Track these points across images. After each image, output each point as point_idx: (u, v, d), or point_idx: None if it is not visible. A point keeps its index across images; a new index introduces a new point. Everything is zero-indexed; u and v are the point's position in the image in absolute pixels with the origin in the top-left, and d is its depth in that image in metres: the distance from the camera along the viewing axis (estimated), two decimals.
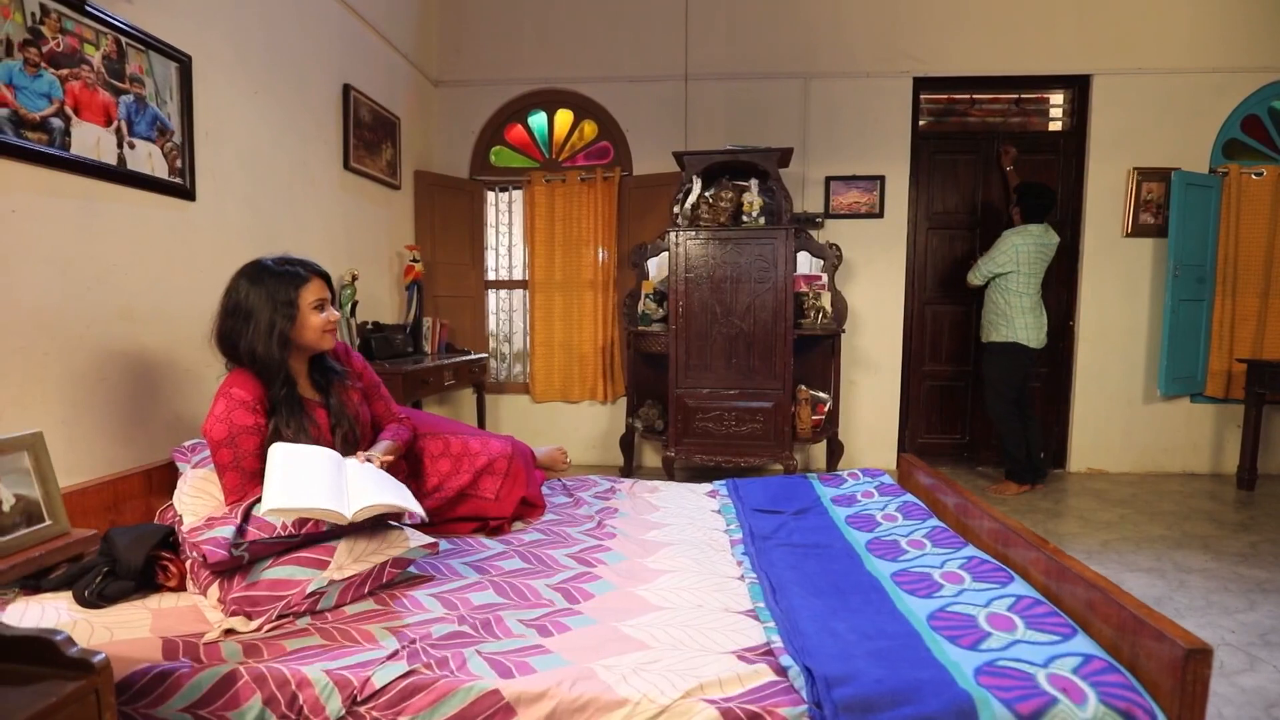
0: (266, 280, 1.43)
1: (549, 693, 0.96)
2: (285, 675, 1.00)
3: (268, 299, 1.41)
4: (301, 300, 1.45)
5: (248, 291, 1.43)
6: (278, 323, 1.41)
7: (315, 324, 1.47)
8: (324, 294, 1.50)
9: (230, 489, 1.37)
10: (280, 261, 1.48)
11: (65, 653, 0.89)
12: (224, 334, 1.45)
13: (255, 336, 1.40)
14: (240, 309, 1.42)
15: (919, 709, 0.91)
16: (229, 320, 1.43)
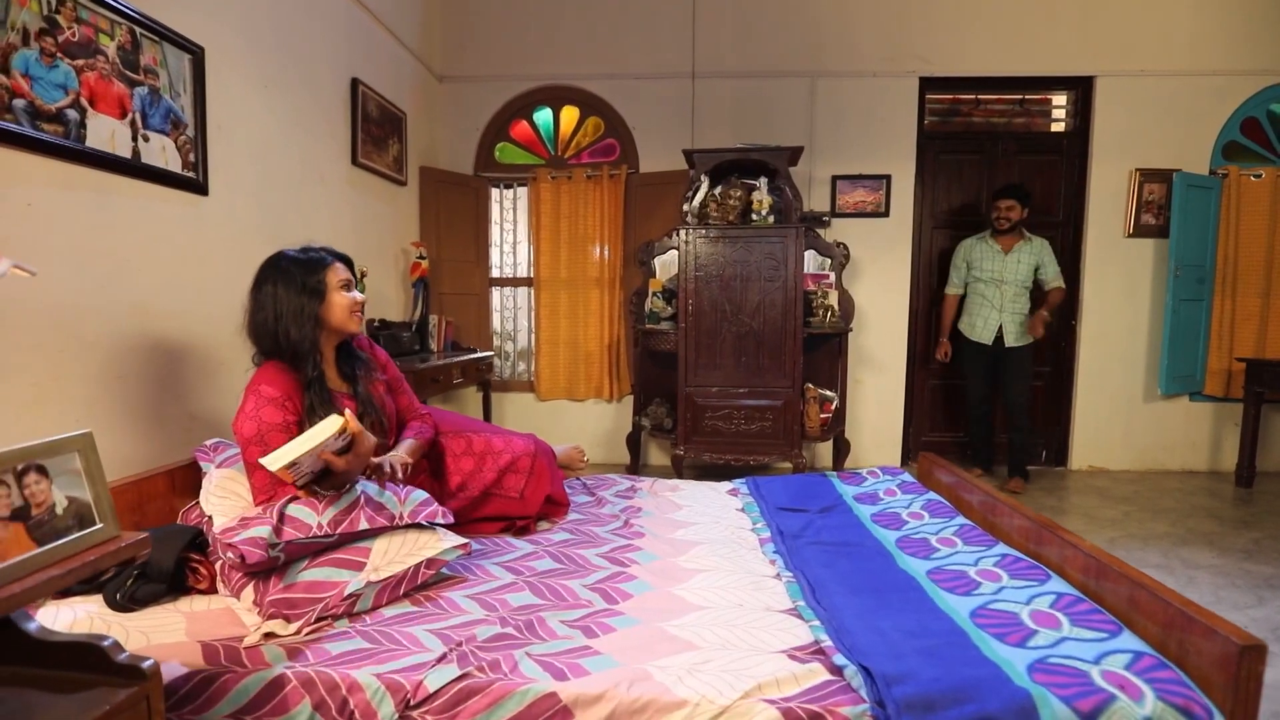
0: (292, 267, 1.44)
1: (607, 695, 0.95)
2: (335, 679, 0.98)
3: (295, 283, 1.42)
4: (328, 280, 1.45)
5: (275, 279, 1.43)
6: (306, 304, 1.42)
7: (343, 303, 1.47)
8: (347, 275, 1.51)
9: (259, 488, 1.35)
10: (303, 250, 1.50)
11: (114, 659, 0.86)
12: (256, 324, 1.45)
13: (287, 321, 1.41)
14: (269, 297, 1.43)
15: (980, 707, 0.92)
16: (259, 309, 1.44)
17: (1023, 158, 3.75)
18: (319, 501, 1.26)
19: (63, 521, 0.78)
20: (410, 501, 1.35)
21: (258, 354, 1.50)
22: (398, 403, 1.72)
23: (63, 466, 0.79)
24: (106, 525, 0.82)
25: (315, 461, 1.27)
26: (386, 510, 1.30)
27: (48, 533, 0.76)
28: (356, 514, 1.26)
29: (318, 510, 1.24)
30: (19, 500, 0.74)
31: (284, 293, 1.42)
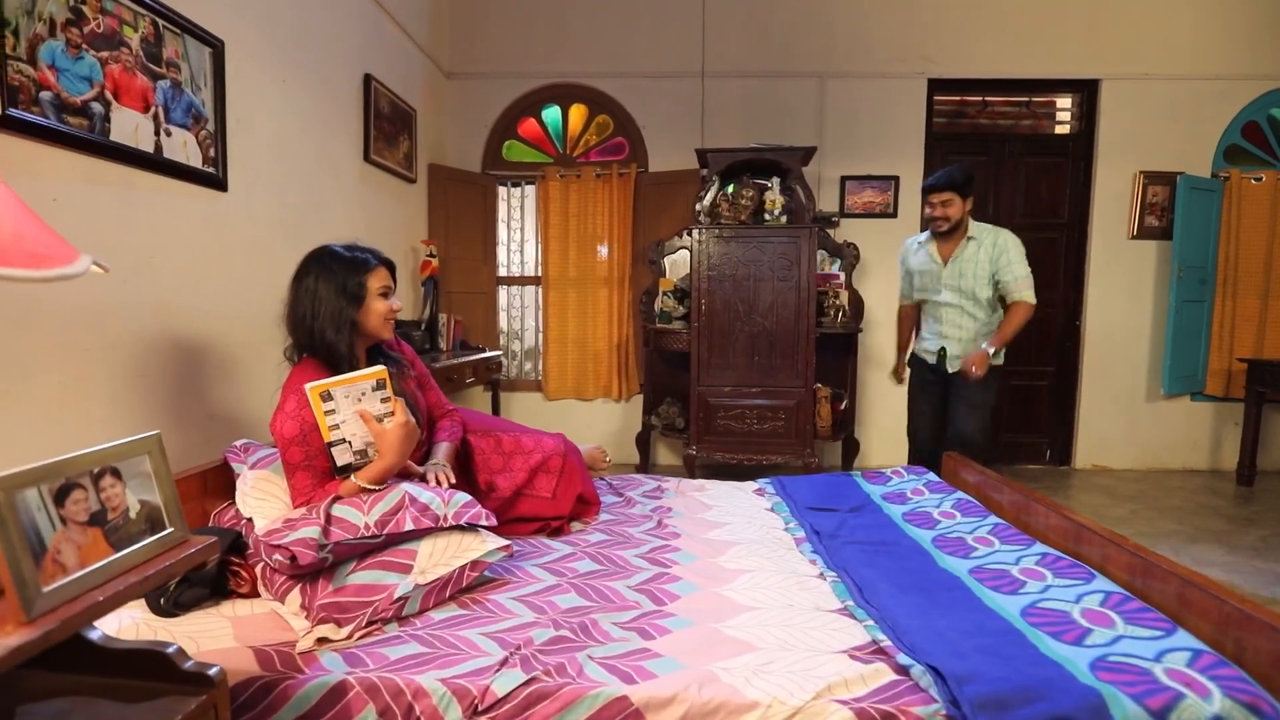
0: (336, 265, 1.42)
1: (678, 697, 0.94)
2: (398, 685, 0.96)
3: (337, 283, 1.40)
4: (369, 285, 1.43)
5: (317, 275, 1.41)
6: (345, 308, 1.40)
7: (380, 310, 1.45)
8: (389, 282, 1.49)
9: (299, 489, 1.32)
10: (349, 247, 1.47)
11: (180, 666, 0.84)
12: (294, 317, 1.43)
13: (325, 320, 1.39)
14: (310, 292, 1.41)
15: (1053, 706, 0.92)
16: (299, 303, 1.42)
17: (1028, 159, 3.79)
18: (363, 501, 1.24)
19: (136, 526, 0.76)
20: (454, 503, 1.33)
21: (291, 347, 1.48)
22: (427, 399, 1.70)
23: (134, 469, 0.77)
24: (176, 529, 0.80)
25: (354, 417, 1.31)
26: (431, 511, 1.28)
27: (123, 538, 0.74)
28: (402, 515, 1.24)
29: (363, 510, 1.22)
30: (96, 504, 0.72)
31: (324, 291, 1.40)
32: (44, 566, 0.65)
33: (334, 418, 1.31)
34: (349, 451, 1.34)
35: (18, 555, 0.62)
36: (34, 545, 0.64)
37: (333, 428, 1.32)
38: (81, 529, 0.70)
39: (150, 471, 0.79)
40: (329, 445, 1.32)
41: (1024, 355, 3.90)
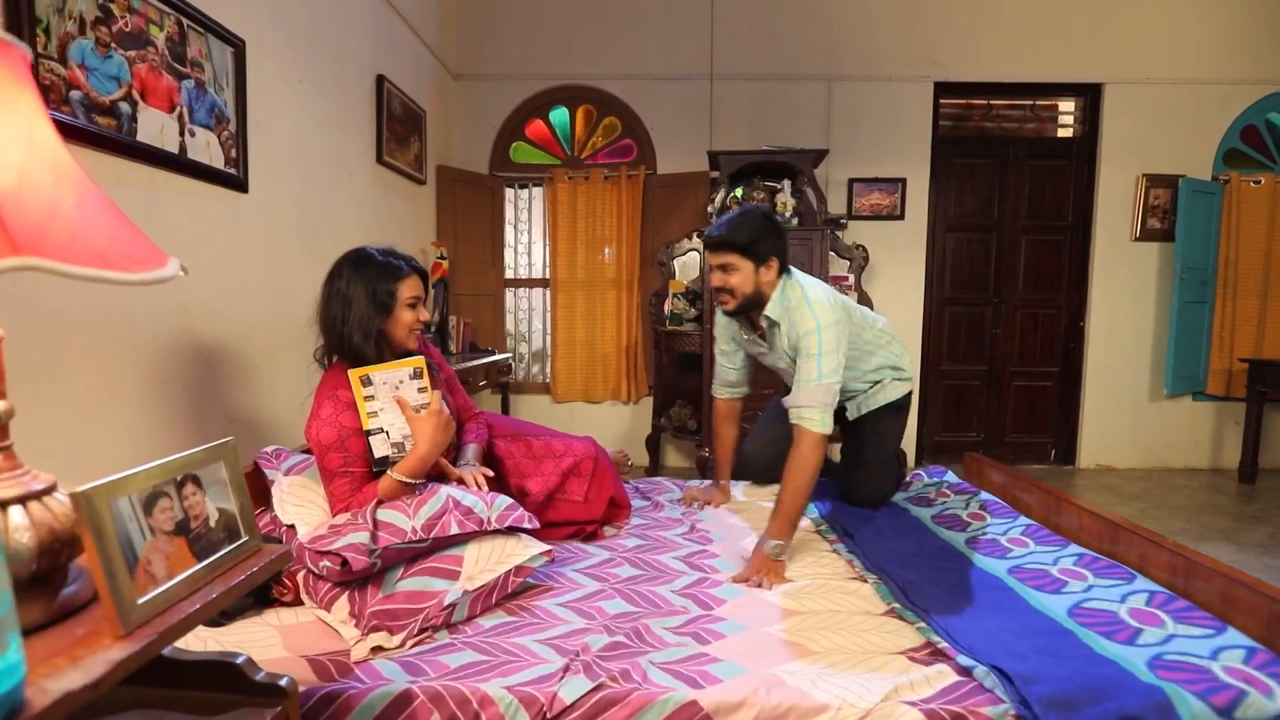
0: (369, 269, 1.41)
1: (747, 701, 0.94)
2: (464, 694, 0.95)
3: (368, 288, 1.39)
4: (399, 294, 1.41)
5: (350, 278, 1.40)
6: (374, 316, 1.39)
7: (407, 320, 1.43)
8: (420, 292, 1.47)
9: (338, 495, 1.31)
10: (384, 252, 1.46)
11: (251, 677, 0.83)
12: (326, 318, 1.42)
13: (353, 325, 1.38)
14: (342, 295, 1.40)
15: (1120, 705, 0.92)
16: (331, 305, 1.41)
17: (1032, 162, 3.83)
18: (408, 505, 1.23)
19: (216, 534, 0.74)
20: (497, 506, 1.32)
21: (322, 349, 1.47)
22: (455, 402, 1.69)
23: (213, 476, 0.76)
24: (250, 537, 0.79)
25: (392, 406, 1.34)
26: (475, 514, 1.27)
27: (205, 547, 0.72)
28: (447, 518, 1.23)
29: (409, 514, 1.21)
30: (180, 513, 0.70)
31: (355, 294, 1.39)
32: (136, 577, 0.63)
33: (373, 404, 1.33)
34: (386, 442, 1.35)
35: (114, 567, 0.61)
36: (128, 556, 0.63)
37: (371, 415, 1.33)
38: (168, 538, 0.68)
39: (227, 479, 0.77)
40: (367, 434, 1.33)
41: (1029, 356, 3.95)
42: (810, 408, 1.57)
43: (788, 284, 1.70)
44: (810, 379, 1.59)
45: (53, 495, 0.65)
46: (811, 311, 1.61)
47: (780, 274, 1.70)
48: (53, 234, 0.54)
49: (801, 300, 1.65)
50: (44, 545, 0.62)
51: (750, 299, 1.69)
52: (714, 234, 1.69)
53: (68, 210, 0.58)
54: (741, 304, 1.70)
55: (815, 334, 1.59)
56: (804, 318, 1.62)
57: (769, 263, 1.66)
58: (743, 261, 1.66)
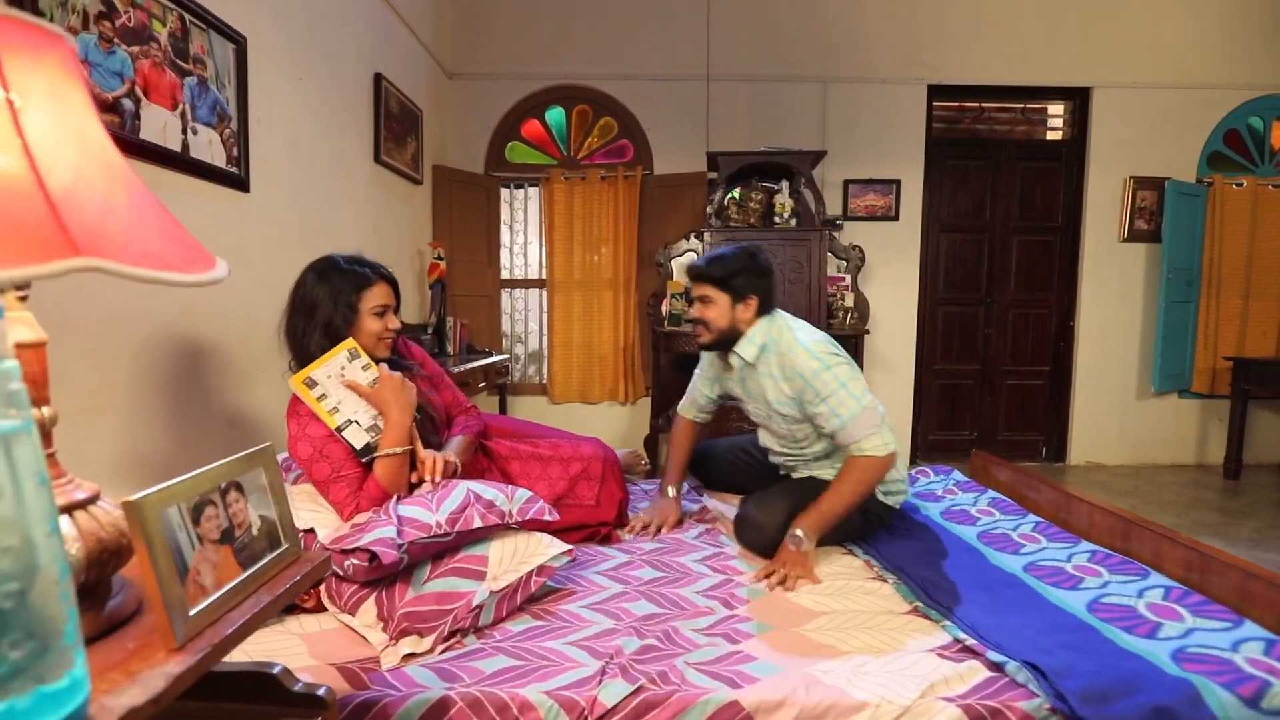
0: (333, 278, 1.38)
1: (788, 700, 0.94)
2: (503, 699, 0.94)
3: (330, 297, 1.37)
4: (362, 304, 1.38)
5: (314, 286, 1.38)
6: (335, 323, 1.37)
7: (373, 329, 1.40)
8: (388, 300, 1.43)
9: (342, 502, 1.29)
10: (350, 260, 1.42)
11: (289, 687, 0.81)
12: (289, 328, 1.41)
13: (316, 335, 1.36)
14: (305, 303, 1.38)
15: (1151, 697, 0.94)
16: (294, 314, 1.40)
17: (1023, 164, 3.89)
18: (429, 499, 1.22)
19: (259, 542, 0.72)
20: (517, 499, 1.31)
21: (293, 360, 1.44)
22: (442, 398, 1.67)
23: (254, 483, 0.74)
24: (291, 545, 0.77)
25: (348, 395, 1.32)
26: (497, 508, 1.26)
27: (249, 555, 0.71)
28: (470, 512, 1.22)
29: (431, 508, 1.20)
30: (225, 521, 0.68)
31: (319, 304, 1.37)
32: (187, 588, 0.61)
33: (328, 401, 1.31)
34: (360, 431, 1.33)
35: (166, 578, 0.59)
36: (178, 566, 0.61)
37: (332, 412, 1.31)
38: (215, 547, 0.66)
39: (266, 485, 0.75)
40: (338, 430, 1.31)
41: (1021, 355, 4.01)
42: (866, 439, 1.47)
43: (772, 326, 1.62)
44: (849, 413, 1.48)
45: (97, 504, 0.63)
46: (808, 353, 1.53)
47: (761, 314, 1.63)
48: (110, 233, 0.53)
49: (792, 344, 1.56)
50: (92, 556, 0.60)
51: (725, 334, 1.63)
52: (695, 265, 1.66)
53: (121, 209, 0.56)
54: (716, 339, 1.64)
55: (825, 370, 1.50)
56: (799, 360, 1.53)
57: (747, 300, 1.60)
58: (719, 295, 1.61)
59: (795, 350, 1.55)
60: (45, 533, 0.45)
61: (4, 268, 0.47)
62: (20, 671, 0.44)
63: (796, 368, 1.53)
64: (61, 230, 0.49)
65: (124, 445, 1.49)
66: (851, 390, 1.50)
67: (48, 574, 0.45)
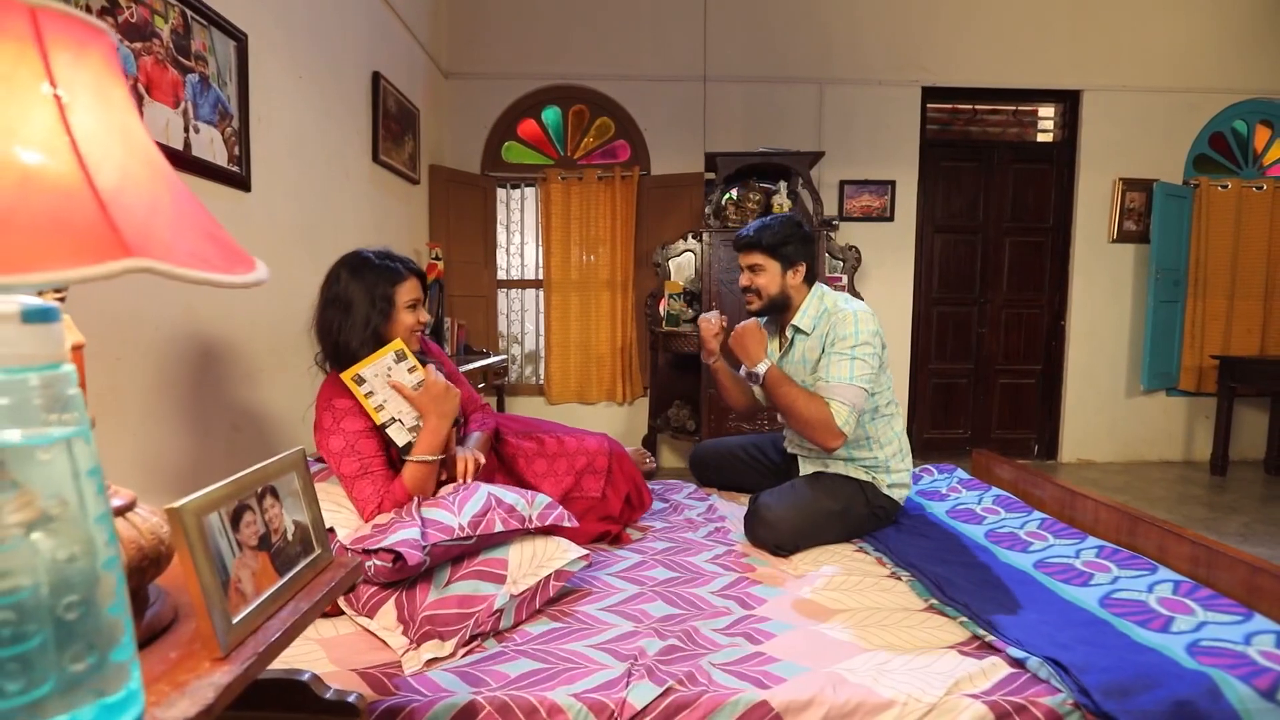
0: (367, 273, 1.38)
1: (816, 699, 0.94)
2: (531, 703, 0.93)
3: (366, 292, 1.37)
4: (398, 297, 1.39)
5: (348, 283, 1.37)
6: (373, 318, 1.37)
7: (407, 323, 1.41)
8: (419, 294, 1.45)
9: (365, 499, 1.28)
10: (381, 255, 1.43)
11: (319, 695, 0.80)
12: (323, 325, 1.39)
13: (351, 330, 1.36)
14: (340, 300, 1.37)
15: (1170, 691, 0.95)
16: (328, 310, 1.38)
17: (1015, 166, 3.94)
18: (451, 502, 1.21)
19: (293, 548, 0.71)
20: (537, 504, 1.31)
21: (321, 354, 1.44)
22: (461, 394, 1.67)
23: (287, 488, 0.73)
24: (324, 550, 0.76)
25: (393, 394, 1.31)
26: (518, 512, 1.26)
27: (285, 561, 0.69)
28: (491, 516, 1.22)
29: (454, 511, 1.19)
30: (262, 527, 0.67)
31: (354, 300, 1.36)
32: (229, 595, 0.60)
33: (375, 399, 1.31)
34: (404, 430, 1.33)
35: (210, 586, 0.58)
36: (220, 573, 0.60)
37: (378, 409, 1.31)
38: (254, 554, 0.65)
39: (299, 490, 0.74)
40: (383, 428, 1.31)
41: (1013, 354, 4.06)
42: (838, 404, 1.55)
43: (824, 294, 1.72)
44: (842, 377, 1.57)
45: (135, 511, 0.62)
46: (855, 319, 1.61)
47: (809, 282, 1.73)
48: (158, 233, 0.51)
49: (845, 313, 1.63)
50: (133, 564, 0.58)
51: (776, 300, 1.71)
52: (743, 235, 1.72)
53: (166, 208, 0.55)
54: (766, 305, 1.72)
55: (856, 337, 1.59)
56: (845, 321, 1.61)
57: (796, 267, 1.70)
58: (770, 262, 1.69)
59: (845, 314, 1.64)
60: (105, 541, 0.44)
61: (56, 269, 0.45)
62: (81, 684, 0.43)
63: (836, 326, 1.63)
64: (113, 230, 0.48)
65: (129, 449, 1.46)
66: (858, 368, 1.58)
67: (106, 583, 0.44)
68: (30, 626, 0.40)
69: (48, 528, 0.41)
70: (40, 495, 0.41)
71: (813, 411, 1.55)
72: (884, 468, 1.70)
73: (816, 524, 1.60)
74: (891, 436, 1.73)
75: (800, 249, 1.69)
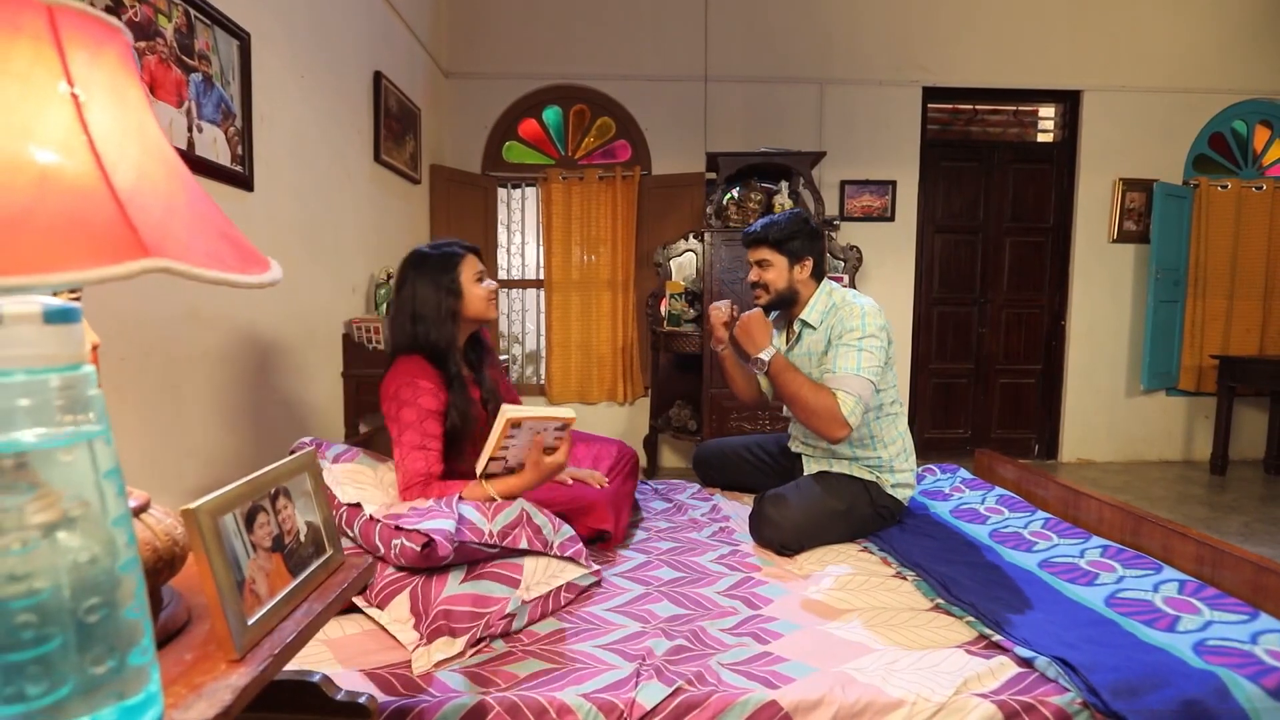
0: (428, 265, 1.47)
1: (825, 699, 0.94)
2: (541, 704, 0.93)
3: (433, 283, 1.46)
4: (462, 275, 1.48)
5: (415, 281, 1.47)
6: (446, 302, 1.45)
7: (479, 294, 1.50)
8: (479, 266, 1.53)
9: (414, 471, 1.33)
10: (435, 246, 1.52)
11: (330, 696, 0.80)
12: (400, 323, 1.47)
13: (428, 324, 1.44)
14: (412, 298, 1.46)
15: (1179, 690, 0.95)
16: (402, 312, 1.47)
17: (1016, 166, 3.95)
18: (486, 508, 1.23)
19: (305, 549, 0.71)
20: (560, 534, 1.33)
21: (392, 344, 1.50)
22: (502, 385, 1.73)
23: (299, 489, 0.72)
24: (335, 551, 0.76)
25: (525, 445, 1.33)
26: (543, 535, 1.28)
27: (298, 562, 0.69)
28: (519, 531, 1.23)
29: (488, 517, 1.20)
30: (275, 528, 0.67)
31: (423, 292, 1.45)
32: (244, 597, 0.60)
33: (510, 443, 1.32)
34: (501, 464, 1.35)
35: (226, 587, 0.58)
36: (235, 575, 0.60)
37: (502, 448, 1.32)
38: (267, 555, 0.65)
39: (311, 490, 0.74)
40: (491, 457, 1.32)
41: (1013, 354, 4.07)
42: (845, 394, 1.53)
43: (833, 290, 1.74)
44: (849, 368, 1.55)
45: (149, 513, 0.61)
46: (862, 312, 1.62)
47: (816, 278, 1.75)
48: (175, 233, 0.51)
49: (853, 306, 1.65)
50: (148, 566, 0.58)
51: (783, 295, 1.73)
52: (750, 230, 1.75)
53: (182, 208, 0.54)
54: (774, 299, 1.74)
55: (863, 330, 1.59)
56: (852, 314, 1.62)
57: (803, 261, 1.71)
58: (777, 257, 1.71)
59: (851, 307, 1.65)
60: (125, 542, 0.44)
61: (75, 269, 0.45)
62: (101, 686, 0.42)
63: (843, 319, 1.64)
64: (130, 230, 0.48)
65: (135, 448, 1.46)
66: (865, 359, 1.57)
67: (126, 585, 0.44)
68: (51, 629, 0.40)
69: (69, 529, 0.41)
70: (62, 496, 0.41)
71: (818, 400, 1.54)
72: (888, 467, 1.71)
73: (821, 523, 1.60)
74: (895, 436, 1.73)
75: (807, 244, 1.71)
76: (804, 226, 1.71)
